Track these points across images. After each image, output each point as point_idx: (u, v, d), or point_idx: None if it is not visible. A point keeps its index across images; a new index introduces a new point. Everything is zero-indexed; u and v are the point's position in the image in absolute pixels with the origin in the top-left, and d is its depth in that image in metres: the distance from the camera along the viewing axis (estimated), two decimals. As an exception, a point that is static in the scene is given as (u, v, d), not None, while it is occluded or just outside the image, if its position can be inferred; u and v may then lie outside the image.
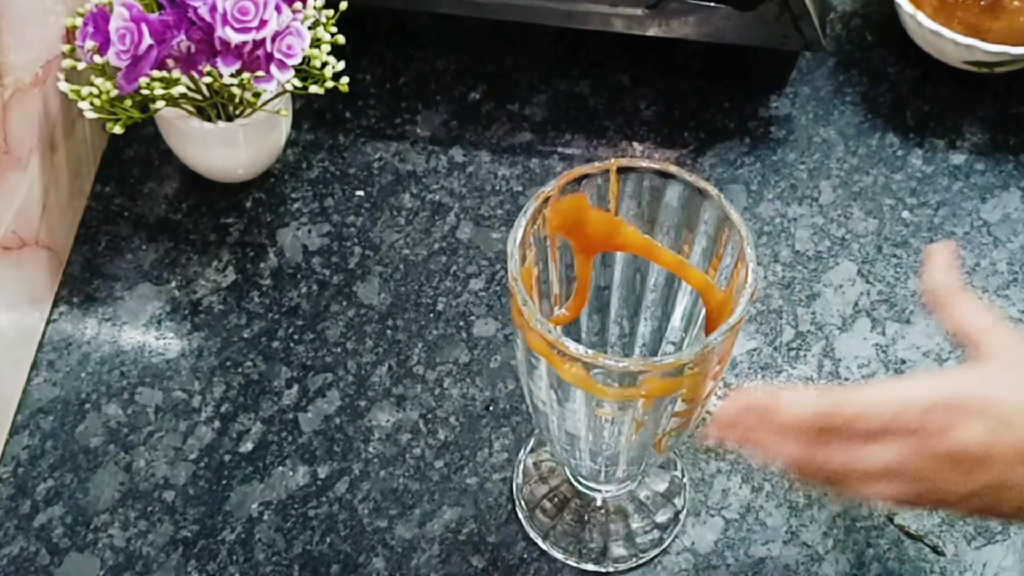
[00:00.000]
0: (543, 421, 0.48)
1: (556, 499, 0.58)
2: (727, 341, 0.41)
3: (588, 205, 0.46)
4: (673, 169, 0.45)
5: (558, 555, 0.56)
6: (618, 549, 0.56)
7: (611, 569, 0.56)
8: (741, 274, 0.43)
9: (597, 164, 0.45)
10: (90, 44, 0.58)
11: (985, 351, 0.44)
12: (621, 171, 0.45)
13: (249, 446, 0.59)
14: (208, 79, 0.58)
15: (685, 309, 0.49)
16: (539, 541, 0.56)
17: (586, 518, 0.57)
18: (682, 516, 0.57)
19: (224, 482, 0.58)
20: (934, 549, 0.56)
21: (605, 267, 0.49)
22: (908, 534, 0.56)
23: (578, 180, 0.45)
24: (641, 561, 0.56)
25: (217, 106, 0.61)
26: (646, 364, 0.41)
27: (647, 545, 0.56)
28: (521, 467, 0.59)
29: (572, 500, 0.57)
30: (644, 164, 0.45)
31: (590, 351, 0.40)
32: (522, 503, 0.57)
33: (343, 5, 0.62)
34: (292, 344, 0.63)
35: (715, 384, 0.45)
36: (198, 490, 0.58)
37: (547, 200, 0.44)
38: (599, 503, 0.57)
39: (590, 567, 0.56)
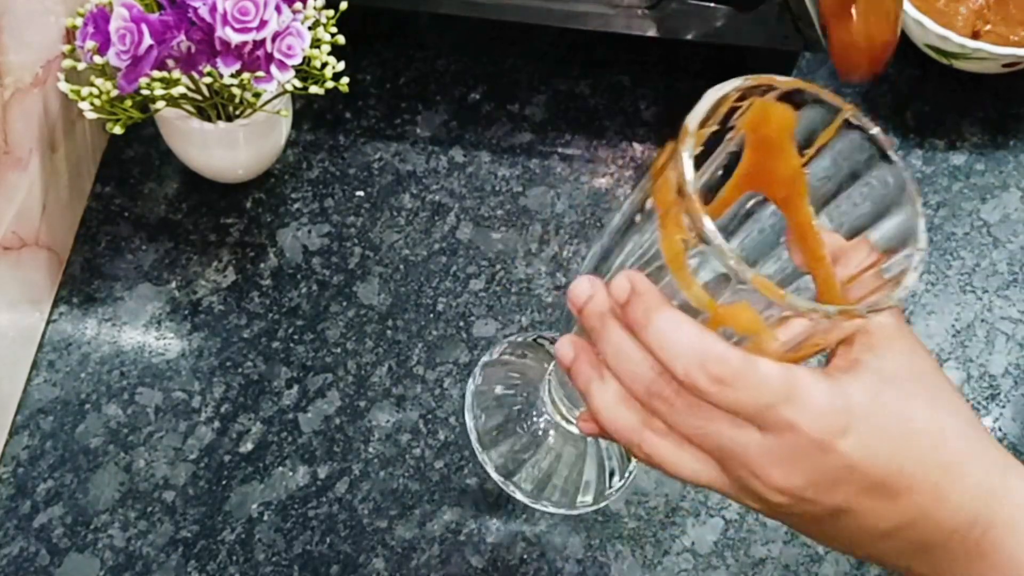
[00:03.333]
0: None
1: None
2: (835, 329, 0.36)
3: (793, 135, 0.39)
4: (894, 156, 0.38)
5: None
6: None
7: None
8: (875, 295, 0.37)
9: (831, 96, 0.38)
10: (90, 44, 0.58)
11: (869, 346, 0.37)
12: (847, 125, 0.38)
13: (249, 446, 0.59)
14: (208, 79, 0.58)
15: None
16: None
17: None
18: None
19: (224, 482, 0.58)
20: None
21: (749, 214, 0.42)
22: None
23: (804, 98, 0.38)
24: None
25: (217, 106, 0.61)
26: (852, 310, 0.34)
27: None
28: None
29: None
30: (874, 130, 0.38)
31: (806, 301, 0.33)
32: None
33: (343, 5, 0.62)
34: (292, 344, 0.63)
35: (779, 349, 0.37)
36: (198, 490, 0.58)
37: (769, 91, 0.37)
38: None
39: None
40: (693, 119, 0.35)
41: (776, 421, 0.34)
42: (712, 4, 0.68)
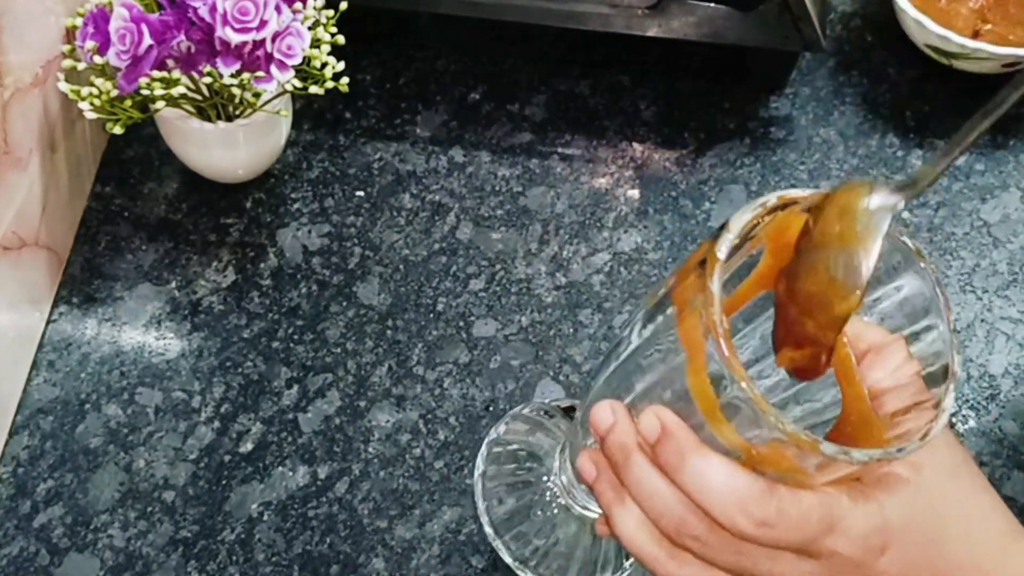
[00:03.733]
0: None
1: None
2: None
3: None
4: (919, 259, 0.36)
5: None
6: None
7: None
8: (912, 417, 0.36)
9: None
10: (90, 44, 0.58)
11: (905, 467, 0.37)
12: None
13: (249, 446, 0.59)
14: (208, 79, 0.58)
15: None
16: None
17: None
18: None
19: (224, 482, 0.58)
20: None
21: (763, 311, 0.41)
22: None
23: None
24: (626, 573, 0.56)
25: (217, 106, 0.61)
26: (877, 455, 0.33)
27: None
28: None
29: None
30: (904, 237, 0.36)
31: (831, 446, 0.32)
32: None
33: (343, 5, 0.62)
34: (292, 344, 0.63)
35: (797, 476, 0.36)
36: (198, 490, 0.58)
37: (790, 205, 0.36)
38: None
39: None
40: (722, 247, 0.33)
41: (818, 551, 0.35)
42: (712, 4, 0.68)
